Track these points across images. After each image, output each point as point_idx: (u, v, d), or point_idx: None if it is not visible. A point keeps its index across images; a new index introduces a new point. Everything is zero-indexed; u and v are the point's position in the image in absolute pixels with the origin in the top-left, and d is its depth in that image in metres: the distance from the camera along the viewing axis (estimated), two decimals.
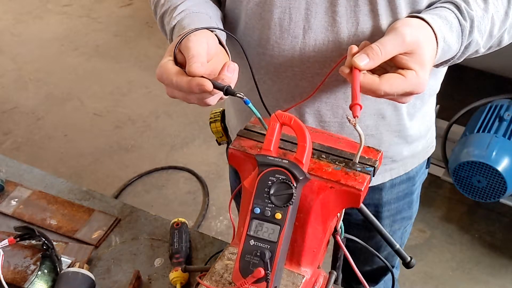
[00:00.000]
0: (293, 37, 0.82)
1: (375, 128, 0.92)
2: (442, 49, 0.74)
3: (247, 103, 0.70)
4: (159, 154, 2.67)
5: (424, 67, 0.70)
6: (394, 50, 0.69)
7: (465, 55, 0.80)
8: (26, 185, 1.22)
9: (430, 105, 1.02)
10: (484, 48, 0.82)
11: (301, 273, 0.73)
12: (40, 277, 0.96)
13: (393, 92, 0.69)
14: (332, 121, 0.90)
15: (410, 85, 0.69)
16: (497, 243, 2.14)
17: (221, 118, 1.16)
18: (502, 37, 0.82)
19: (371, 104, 0.88)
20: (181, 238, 1.05)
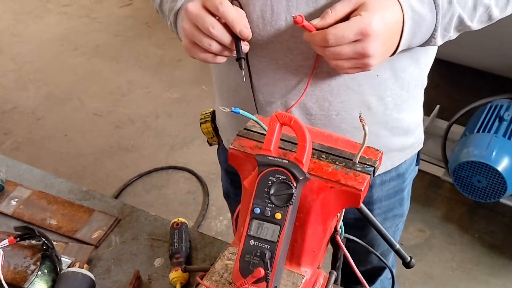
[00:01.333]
0: (275, 29, 0.82)
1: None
2: (412, 18, 0.75)
3: (238, 112, 0.70)
4: (159, 154, 2.67)
5: (371, 11, 0.71)
6: (343, 8, 0.73)
7: (451, 29, 0.80)
8: (26, 185, 1.22)
9: (418, 99, 1.02)
10: (471, 21, 0.82)
11: (301, 273, 0.73)
12: (40, 277, 0.96)
13: (341, 34, 0.71)
14: (318, 114, 0.90)
15: (355, 24, 0.71)
16: (497, 243, 2.14)
17: (211, 118, 1.16)
18: (490, 11, 0.82)
19: (356, 96, 0.88)
20: (181, 238, 1.05)
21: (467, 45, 2.13)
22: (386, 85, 0.90)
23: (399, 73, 0.90)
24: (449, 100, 2.66)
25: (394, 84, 0.91)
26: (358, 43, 0.73)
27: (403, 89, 0.93)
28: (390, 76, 0.89)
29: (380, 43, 0.74)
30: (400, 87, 0.92)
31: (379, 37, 0.73)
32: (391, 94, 0.91)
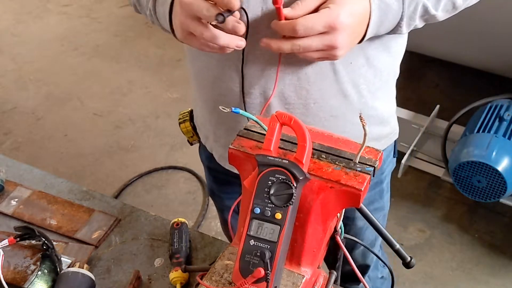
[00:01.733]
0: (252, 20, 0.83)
1: (339, 108, 0.95)
2: (379, 7, 0.79)
3: (238, 112, 0.71)
4: (159, 154, 2.67)
5: (340, 5, 0.74)
6: (313, 0, 0.75)
7: (416, 18, 0.83)
8: (26, 185, 1.22)
9: (391, 89, 1.05)
10: (436, 10, 0.85)
11: (301, 273, 0.73)
12: (40, 277, 0.96)
13: (311, 25, 0.73)
14: (297, 103, 0.92)
15: (324, 16, 0.74)
16: (497, 243, 2.14)
17: (189, 117, 1.18)
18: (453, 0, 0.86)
19: (333, 83, 0.91)
20: (181, 238, 1.05)
21: (467, 45, 2.13)
22: (360, 72, 0.93)
23: (371, 60, 0.93)
24: (449, 100, 2.66)
25: (367, 72, 0.94)
26: (326, 35, 0.75)
27: (376, 76, 0.96)
28: (363, 64, 0.92)
29: (347, 35, 0.77)
30: (373, 74, 0.95)
31: (347, 29, 0.75)
32: (364, 81, 0.94)
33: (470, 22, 1.98)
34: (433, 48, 2.34)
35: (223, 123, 1.03)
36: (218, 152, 1.11)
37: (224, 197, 1.23)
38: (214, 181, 1.23)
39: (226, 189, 1.21)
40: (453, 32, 2.07)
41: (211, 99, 1.01)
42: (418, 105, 2.65)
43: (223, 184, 1.19)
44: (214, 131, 1.08)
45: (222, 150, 1.08)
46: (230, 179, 1.10)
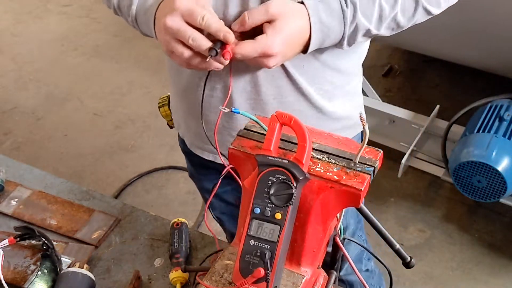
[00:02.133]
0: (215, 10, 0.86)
1: (298, 103, 0.99)
2: (320, 30, 0.84)
3: (237, 112, 0.73)
4: (159, 154, 2.67)
5: (277, 33, 0.80)
6: (259, 17, 0.81)
7: (358, 37, 0.89)
8: (26, 185, 1.22)
9: (354, 85, 1.09)
10: (378, 30, 0.90)
11: (301, 273, 0.73)
12: (40, 277, 0.96)
13: (246, 53, 0.81)
14: (257, 99, 0.98)
15: (258, 45, 0.80)
16: (497, 243, 2.14)
17: (168, 102, 1.24)
18: (397, 20, 0.90)
19: (289, 81, 0.96)
20: (181, 238, 1.05)
21: (467, 45, 2.13)
22: (315, 73, 0.98)
23: (328, 63, 0.99)
24: (449, 100, 2.66)
25: (324, 73, 0.99)
26: (260, 58, 0.83)
27: (334, 77, 1.01)
28: (318, 66, 0.97)
29: (280, 58, 0.84)
30: (331, 75, 1.00)
31: (279, 55, 0.82)
32: (321, 81, 0.99)
33: (470, 22, 1.98)
34: (433, 48, 2.33)
35: (192, 113, 1.08)
36: (189, 139, 1.16)
37: (202, 178, 1.27)
38: (190, 164, 1.28)
39: (203, 172, 1.24)
40: (453, 32, 2.07)
41: (180, 89, 1.07)
42: (418, 105, 2.65)
43: (199, 167, 1.24)
44: (185, 119, 1.13)
45: (193, 138, 1.14)
46: (205, 163, 1.15)
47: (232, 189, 1.23)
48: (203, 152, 1.13)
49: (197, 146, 1.14)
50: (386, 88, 2.91)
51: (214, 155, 1.12)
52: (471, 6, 1.87)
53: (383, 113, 2.24)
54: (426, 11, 0.92)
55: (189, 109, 1.09)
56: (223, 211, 1.30)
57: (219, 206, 1.30)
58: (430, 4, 0.91)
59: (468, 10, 1.89)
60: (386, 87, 2.91)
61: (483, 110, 1.98)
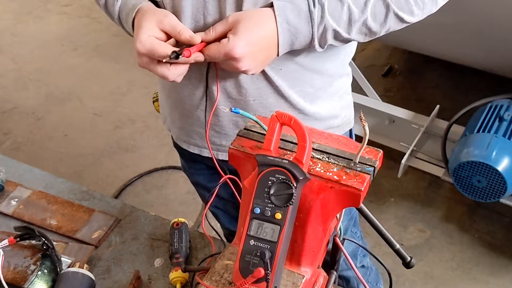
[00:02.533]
0: (196, 21, 0.93)
1: (278, 105, 1.02)
2: (288, 30, 0.87)
3: (237, 112, 0.73)
4: (159, 154, 2.67)
5: (237, 36, 0.85)
6: (221, 28, 0.87)
7: (328, 39, 0.90)
8: (26, 185, 1.22)
9: (337, 86, 1.09)
10: (348, 34, 0.90)
11: (301, 273, 0.73)
12: (40, 277, 0.96)
13: (212, 55, 0.87)
14: (238, 99, 1.00)
15: (223, 47, 0.85)
16: (497, 243, 2.14)
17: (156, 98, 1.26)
18: (368, 25, 0.90)
19: (268, 86, 0.99)
20: (181, 238, 1.05)
21: (467, 45, 2.13)
22: (294, 76, 1.00)
23: (306, 66, 0.99)
24: (449, 100, 2.66)
25: (303, 75, 1.01)
26: (229, 61, 0.87)
27: (315, 79, 1.03)
28: (296, 69, 0.99)
29: (249, 60, 0.87)
30: (310, 77, 1.02)
31: (245, 57, 0.86)
32: (302, 83, 1.01)
33: (470, 22, 1.98)
34: (433, 48, 2.33)
35: (176, 108, 1.11)
36: (175, 133, 1.19)
37: (193, 172, 1.29)
38: (182, 157, 1.29)
39: (194, 165, 1.25)
40: (453, 32, 2.07)
41: (166, 86, 1.11)
42: (418, 105, 2.65)
43: (189, 161, 1.25)
44: (170, 113, 1.15)
45: (178, 132, 1.16)
46: (194, 157, 1.16)
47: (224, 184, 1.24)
48: (189, 146, 1.15)
49: (182, 140, 1.16)
50: (386, 88, 2.91)
51: (200, 149, 1.14)
52: (471, 6, 1.87)
53: (383, 113, 2.24)
54: (398, 18, 0.91)
55: (174, 104, 1.11)
56: (217, 205, 1.31)
57: (213, 201, 1.30)
58: (402, 11, 0.90)
59: (468, 10, 1.89)
60: (386, 87, 2.91)
61: (483, 110, 1.98)
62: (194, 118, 1.08)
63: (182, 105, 1.08)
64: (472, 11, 1.90)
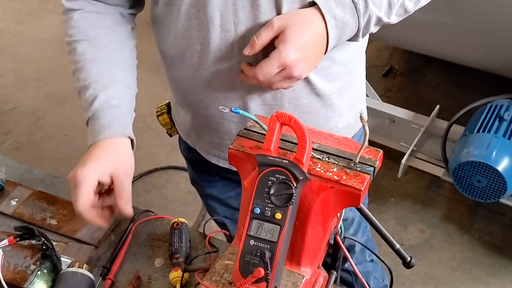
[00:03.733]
0: (225, 31, 0.89)
1: (311, 105, 1.00)
2: (336, 26, 0.85)
3: (237, 112, 0.73)
4: (159, 154, 2.67)
5: (287, 43, 0.82)
6: (267, 35, 0.84)
7: (371, 27, 0.89)
8: (26, 185, 1.22)
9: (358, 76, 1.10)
10: (389, 18, 0.91)
11: (301, 273, 0.73)
12: (40, 277, 0.96)
13: (266, 71, 0.83)
14: (273, 104, 0.99)
15: (275, 60, 0.82)
16: (497, 243, 2.14)
17: (167, 110, 1.23)
18: (405, 6, 0.92)
19: (303, 85, 0.97)
20: (181, 238, 1.05)
21: (467, 45, 2.13)
22: (326, 72, 0.99)
23: (336, 59, 0.99)
24: (449, 100, 2.65)
25: (333, 70, 1.00)
26: (283, 71, 0.84)
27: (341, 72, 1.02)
28: (329, 64, 0.98)
29: (303, 64, 0.84)
30: (338, 71, 1.01)
31: (300, 62, 0.83)
32: (332, 78, 1.01)
33: (470, 22, 1.98)
34: (434, 48, 2.33)
35: (205, 125, 1.08)
36: (203, 148, 1.15)
37: (204, 185, 1.27)
38: (193, 170, 1.27)
39: (206, 178, 1.24)
40: (453, 32, 2.07)
41: (191, 104, 1.06)
42: (418, 105, 2.65)
43: (202, 173, 1.24)
44: (196, 130, 1.13)
45: (207, 147, 1.13)
46: (210, 169, 1.15)
47: (236, 194, 1.24)
48: (219, 160, 1.12)
49: (212, 154, 1.13)
50: (386, 88, 2.90)
51: None
52: (471, 6, 1.87)
53: (383, 113, 2.24)
54: None
55: (201, 123, 1.08)
56: (226, 215, 1.30)
57: (222, 211, 1.30)
58: None
59: (468, 10, 1.89)
60: (386, 87, 2.91)
61: (483, 110, 1.98)
62: (225, 131, 1.05)
63: (211, 120, 1.05)
64: (472, 11, 1.90)
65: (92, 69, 0.98)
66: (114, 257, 1.04)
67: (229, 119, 1.03)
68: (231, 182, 1.21)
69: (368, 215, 0.82)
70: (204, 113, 1.05)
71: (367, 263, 1.45)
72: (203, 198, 1.34)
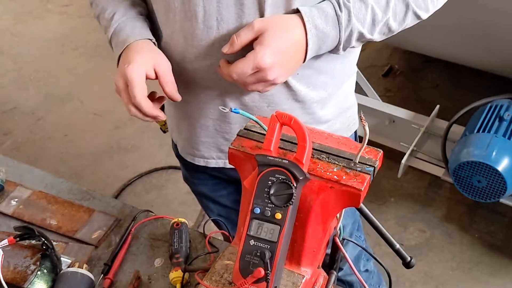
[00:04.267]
0: (208, 27, 0.90)
1: (292, 110, 1.00)
2: (316, 36, 0.86)
3: (237, 112, 0.73)
4: (159, 154, 2.67)
5: (264, 46, 0.83)
6: (246, 35, 0.85)
7: (352, 41, 0.90)
8: (26, 185, 1.22)
9: (346, 86, 1.10)
10: (371, 35, 0.91)
11: (301, 273, 0.73)
12: (40, 277, 0.96)
13: (240, 70, 0.84)
14: (250, 105, 0.99)
15: (250, 61, 0.83)
16: (497, 243, 2.14)
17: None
18: (389, 25, 0.92)
19: (283, 90, 0.98)
20: (181, 238, 1.05)
21: (467, 45, 2.13)
22: (310, 81, 0.99)
23: (321, 69, 0.99)
24: (449, 100, 2.66)
25: (318, 79, 1.00)
26: (258, 73, 0.85)
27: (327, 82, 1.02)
28: (312, 73, 0.98)
29: (278, 68, 0.85)
30: (323, 81, 1.02)
31: (274, 66, 0.84)
32: (316, 87, 1.01)
33: (471, 22, 1.98)
34: (433, 48, 2.33)
35: (184, 120, 1.09)
36: (180, 144, 1.17)
37: (196, 182, 1.28)
38: (185, 168, 1.28)
39: (197, 176, 1.24)
40: (453, 32, 2.07)
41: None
42: (418, 105, 2.65)
43: (193, 171, 1.24)
44: (177, 124, 1.14)
45: (183, 143, 1.15)
46: (198, 167, 1.15)
47: (228, 193, 1.24)
48: (194, 158, 1.14)
49: (187, 152, 1.15)
50: (386, 88, 2.90)
51: (205, 160, 1.12)
52: (471, 6, 1.87)
53: (383, 113, 2.24)
54: (415, 15, 0.93)
55: (182, 115, 1.10)
56: (220, 213, 1.30)
57: (216, 209, 1.30)
58: (419, 8, 0.93)
59: (468, 10, 1.89)
60: (386, 87, 2.91)
61: (483, 110, 1.98)
62: (201, 128, 1.06)
63: (191, 115, 1.06)
64: (472, 11, 1.90)
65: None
66: (114, 256, 1.04)
67: (206, 116, 1.04)
68: (221, 181, 1.21)
69: (368, 215, 0.82)
70: (184, 108, 1.06)
71: (362, 273, 1.46)
72: (196, 196, 1.35)
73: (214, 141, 1.07)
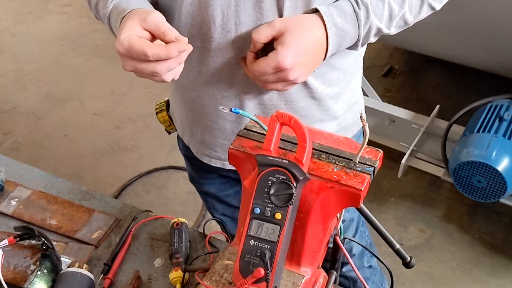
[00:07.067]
0: (226, 31, 0.90)
1: (308, 108, 1.02)
2: (336, 34, 0.86)
3: (237, 112, 0.73)
4: (159, 154, 2.67)
5: (285, 46, 0.83)
6: (266, 33, 0.84)
7: (370, 37, 0.91)
8: (26, 185, 1.22)
9: (355, 81, 1.11)
10: (389, 29, 0.92)
11: (301, 273, 0.73)
12: (40, 277, 0.96)
13: (262, 70, 0.84)
14: (269, 104, 0.99)
15: (272, 61, 0.83)
16: (497, 243, 2.14)
17: (166, 107, 1.24)
18: (405, 18, 0.93)
19: (301, 88, 0.98)
20: (181, 238, 1.05)
21: (467, 45, 2.13)
22: (325, 77, 1.00)
23: (334, 65, 1.00)
24: (449, 100, 2.66)
25: (331, 75, 1.01)
26: (279, 73, 0.85)
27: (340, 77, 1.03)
28: (327, 70, 0.99)
29: (300, 69, 0.85)
30: (337, 76, 1.02)
31: (296, 66, 0.84)
32: (330, 83, 1.01)
33: (471, 22, 1.98)
34: (433, 48, 2.33)
35: (199, 122, 1.08)
36: (195, 147, 1.16)
37: (203, 182, 1.27)
38: (191, 168, 1.27)
39: (205, 176, 1.24)
40: (453, 32, 2.07)
41: (188, 100, 1.07)
42: (418, 105, 2.65)
43: (201, 171, 1.24)
44: (191, 128, 1.13)
45: (199, 146, 1.14)
46: (208, 167, 1.15)
47: (235, 192, 1.24)
48: (211, 159, 1.13)
49: (204, 153, 1.14)
50: (386, 88, 2.90)
51: (222, 162, 1.12)
52: (472, 6, 1.87)
53: (383, 113, 2.24)
54: (430, 7, 0.95)
55: (196, 119, 1.09)
56: (225, 213, 1.30)
57: (221, 209, 1.30)
58: (434, 0, 0.94)
59: (468, 10, 1.89)
60: (386, 87, 2.91)
61: (483, 110, 1.98)
62: (219, 130, 1.06)
63: (206, 118, 1.06)
64: (473, 11, 1.90)
65: None
66: (114, 256, 1.04)
67: (224, 118, 1.03)
68: (229, 180, 1.21)
69: (368, 215, 0.82)
70: (200, 110, 1.05)
71: (365, 269, 1.46)
72: (201, 196, 1.35)
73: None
